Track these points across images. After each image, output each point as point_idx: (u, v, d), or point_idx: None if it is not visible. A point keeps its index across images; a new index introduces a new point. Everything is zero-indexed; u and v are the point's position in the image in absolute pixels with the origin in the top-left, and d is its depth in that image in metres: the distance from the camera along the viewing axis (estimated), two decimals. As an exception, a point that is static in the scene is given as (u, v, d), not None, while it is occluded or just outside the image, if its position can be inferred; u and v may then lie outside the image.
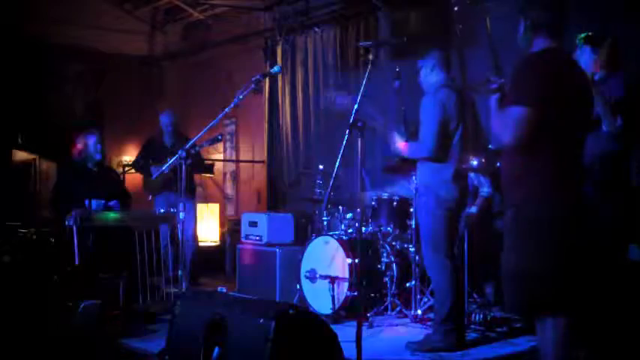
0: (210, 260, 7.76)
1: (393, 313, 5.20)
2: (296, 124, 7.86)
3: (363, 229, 5.27)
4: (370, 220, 5.62)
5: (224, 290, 4.23)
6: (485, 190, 5.36)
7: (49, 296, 4.56)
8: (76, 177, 5.63)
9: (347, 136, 3.64)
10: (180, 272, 4.87)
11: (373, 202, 5.67)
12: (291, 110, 7.92)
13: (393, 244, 5.43)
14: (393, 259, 5.27)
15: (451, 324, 4.15)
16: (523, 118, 2.70)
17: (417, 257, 5.04)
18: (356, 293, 4.85)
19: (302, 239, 5.99)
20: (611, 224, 3.73)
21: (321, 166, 6.06)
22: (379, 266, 5.27)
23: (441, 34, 5.88)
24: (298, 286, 5.37)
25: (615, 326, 3.59)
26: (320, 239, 5.32)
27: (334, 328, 3.12)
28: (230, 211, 9.06)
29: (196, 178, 7.35)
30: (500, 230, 4.78)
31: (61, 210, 5.20)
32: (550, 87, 2.73)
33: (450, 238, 4.30)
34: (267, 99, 8.23)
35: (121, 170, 8.26)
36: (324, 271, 5.17)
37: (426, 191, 4.30)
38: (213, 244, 8.59)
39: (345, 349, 3.12)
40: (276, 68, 4.90)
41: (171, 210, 5.55)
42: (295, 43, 7.88)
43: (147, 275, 5.06)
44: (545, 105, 2.71)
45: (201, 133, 4.45)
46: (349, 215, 5.60)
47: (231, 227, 8.00)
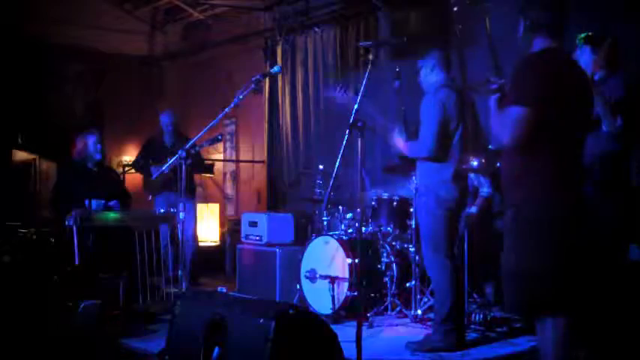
0: (210, 260, 7.75)
1: (393, 313, 5.20)
2: (296, 124, 7.86)
3: (363, 229, 5.28)
4: (370, 220, 5.62)
5: (224, 290, 4.23)
6: (485, 190, 5.37)
7: (49, 296, 4.55)
8: (76, 177, 5.62)
9: (347, 136, 3.64)
10: (180, 272, 4.88)
11: (373, 202, 5.68)
12: (291, 110, 7.91)
13: (393, 244, 5.43)
14: (393, 259, 5.27)
15: (451, 324, 4.15)
16: (523, 118, 2.70)
17: (417, 257, 5.04)
18: (356, 293, 4.85)
19: (302, 239, 5.98)
20: (611, 224, 3.72)
21: (321, 166, 6.06)
22: (379, 266, 5.27)
23: (441, 34, 5.88)
24: (298, 286, 5.37)
25: (615, 326, 3.58)
26: (320, 239, 5.32)
27: (334, 328, 3.11)
28: (230, 211, 9.06)
29: (196, 178, 7.35)
30: (500, 230, 4.79)
31: (61, 210, 5.20)
32: (550, 87, 2.73)
33: (450, 238, 4.30)
34: (267, 99, 8.22)
35: (121, 170, 8.26)
36: (324, 271, 5.17)
37: (426, 191, 4.30)
38: (213, 244, 8.59)
39: (345, 349, 3.12)
40: (276, 68, 4.89)
41: (171, 210, 5.55)
42: (295, 43, 7.87)
43: (147, 275, 5.06)
44: (545, 105, 2.71)
45: (202, 133, 4.46)
46: (349, 215, 5.60)
47: (231, 227, 8.00)
